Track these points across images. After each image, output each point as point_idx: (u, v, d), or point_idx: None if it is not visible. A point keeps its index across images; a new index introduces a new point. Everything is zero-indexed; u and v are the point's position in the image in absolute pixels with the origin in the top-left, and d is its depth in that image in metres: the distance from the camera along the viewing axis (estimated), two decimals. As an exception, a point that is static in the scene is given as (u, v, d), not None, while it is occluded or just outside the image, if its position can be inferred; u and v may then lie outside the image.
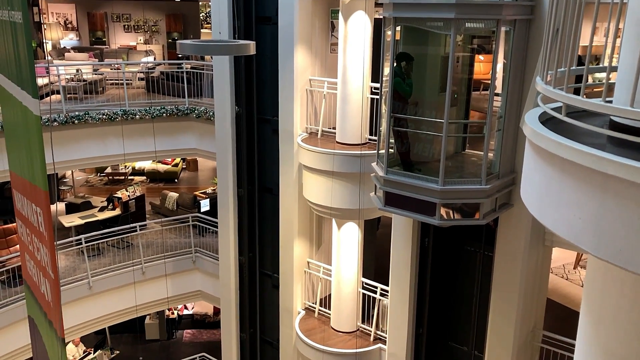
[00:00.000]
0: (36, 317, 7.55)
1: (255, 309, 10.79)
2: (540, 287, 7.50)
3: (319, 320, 9.59)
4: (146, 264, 12.46)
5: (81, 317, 11.75)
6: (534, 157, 2.98)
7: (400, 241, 7.78)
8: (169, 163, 22.79)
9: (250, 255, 10.65)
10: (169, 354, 17.45)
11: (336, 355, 8.71)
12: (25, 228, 7.16)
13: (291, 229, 9.53)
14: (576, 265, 10.78)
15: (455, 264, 7.77)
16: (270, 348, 10.68)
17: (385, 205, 6.55)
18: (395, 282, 7.98)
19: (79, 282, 11.74)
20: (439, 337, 8.07)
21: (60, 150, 11.15)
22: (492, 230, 7.13)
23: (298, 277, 9.74)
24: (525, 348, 7.45)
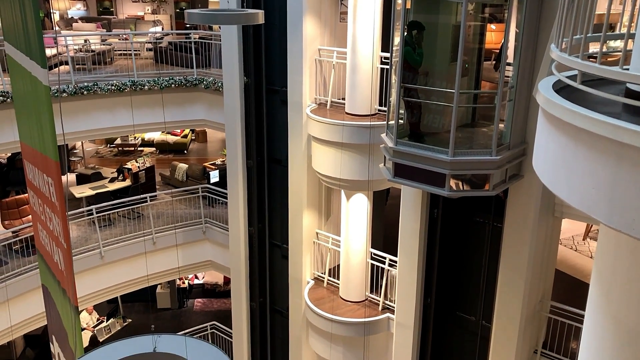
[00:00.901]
0: (50, 286, 7.69)
1: (265, 278, 10.91)
2: (549, 258, 7.51)
3: (327, 290, 9.68)
4: (157, 235, 12.58)
5: (93, 286, 11.93)
6: (547, 126, 2.94)
7: (409, 212, 7.78)
8: (178, 134, 22.82)
9: (260, 226, 10.71)
10: (180, 322, 17.75)
11: (345, 324, 8.81)
12: (37, 198, 7.23)
13: (300, 200, 9.55)
14: (585, 236, 10.77)
15: (464, 235, 7.78)
16: (280, 317, 10.83)
17: (395, 176, 6.53)
18: (403, 253, 8.01)
19: (91, 252, 11.89)
20: (447, 307, 8.13)
21: (70, 121, 11.17)
22: (502, 202, 7.11)
23: (307, 247, 9.80)
24: (533, 318, 7.50)
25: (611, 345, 3.08)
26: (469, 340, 7.99)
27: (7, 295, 10.44)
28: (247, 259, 11.00)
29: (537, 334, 7.67)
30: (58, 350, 8.08)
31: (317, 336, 9.33)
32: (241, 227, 10.80)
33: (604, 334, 3.11)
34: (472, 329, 7.92)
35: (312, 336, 9.54)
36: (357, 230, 8.93)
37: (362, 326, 8.66)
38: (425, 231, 7.80)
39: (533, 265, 7.05)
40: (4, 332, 10.78)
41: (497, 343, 7.46)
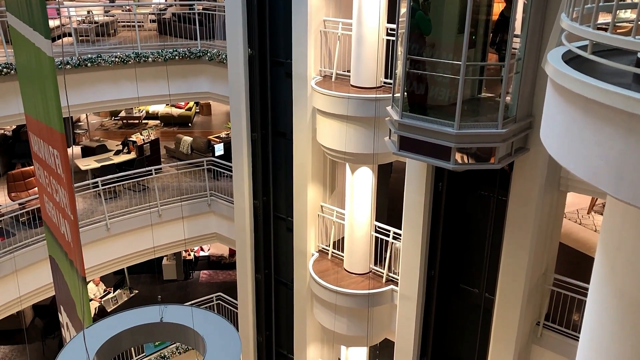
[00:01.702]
0: (57, 257, 7.77)
1: (270, 251, 10.98)
2: (553, 232, 7.53)
3: (332, 262, 9.75)
4: (162, 207, 12.64)
5: (100, 258, 12.04)
6: (555, 97, 2.91)
7: (414, 185, 7.78)
8: (183, 107, 22.74)
9: (265, 199, 10.74)
10: (186, 293, 17.95)
11: (349, 296, 8.89)
12: (43, 170, 7.26)
13: (305, 173, 9.55)
14: (590, 210, 10.77)
15: (468, 209, 7.79)
16: (285, 288, 10.93)
17: (400, 149, 6.52)
18: (408, 226, 8.04)
19: (97, 224, 11.97)
20: (451, 279, 8.19)
21: (74, 94, 11.14)
22: (507, 175, 7.10)
23: (312, 220, 9.84)
24: (536, 291, 7.55)
25: (615, 316, 3.10)
26: (472, 312, 8.06)
27: (15, 266, 10.56)
28: (252, 232, 11.06)
29: (539, 306, 7.73)
30: (66, 320, 8.20)
31: (322, 307, 9.43)
32: (246, 200, 10.84)
33: (608, 306, 3.13)
34: (475, 301, 7.99)
35: (317, 307, 9.64)
36: (362, 203, 8.94)
37: (365, 298, 8.75)
38: (430, 204, 7.81)
39: (537, 238, 7.07)
40: (13, 302, 10.94)
41: (499, 315, 7.53)
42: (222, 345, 4.61)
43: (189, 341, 5.00)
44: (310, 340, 10.42)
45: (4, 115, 11.06)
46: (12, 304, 10.99)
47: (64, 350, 4.68)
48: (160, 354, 13.34)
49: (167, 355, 13.41)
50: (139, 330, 4.92)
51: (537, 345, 7.77)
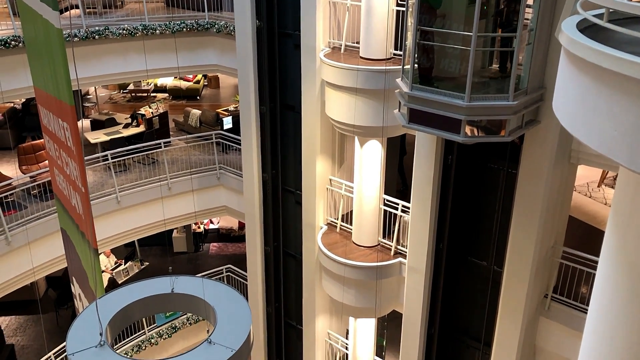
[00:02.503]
0: (68, 229, 7.85)
1: (279, 224, 11.04)
2: (562, 205, 7.50)
3: (340, 235, 9.79)
4: (172, 180, 12.71)
5: (111, 230, 12.17)
6: (569, 67, 2.86)
7: (423, 158, 7.75)
8: (191, 80, 22.67)
9: (274, 172, 10.76)
10: (197, 265, 18.16)
11: (357, 268, 8.95)
12: (53, 143, 7.29)
13: (313, 146, 9.54)
14: (600, 183, 10.69)
15: (478, 182, 7.77)
16: (294, 261, 11.02)
17: (410, 122, 6.47)
18: (417, 199, 8.04)
19: (107, 197, 12.07)
20: (459, 252, 8.21)
21: (82, 66, 11.12)
22: (517, 148, 7.06)
23: (320, 194, 9.85)
24: (545, 263, 7.56)
25: (625, 288, 3.10)
26: (480, 284, 8.10)
27: (28, 238, 10.70)
28: (261, 205, 11.10)
29: (548, 279, 7.76)
30: (79, 291, 8.33)
31: (330, 279, 9.51)
32: (255, 174, 10.86)
33: (618, 278, 3.13)
34: (483, 273, 8.02)
35: (325, 279, 9.72)
36: (371, 176, 8.93)
37: (374, 270, 8.80)
38: (439, 177, 7.79)
39: (546, 211, 7.05)
40: (27, 274, 11.12)
41: (508, 288, 7.57)
42: (233, 316, 4.67)
43: (199, 311, 5.06)
44: (319, 311, 10.53)
45: (13, 88, 11.07)
46: (25, 275, 11.17)
47: (77, 320, 4.77)
48: (172, 325, 13.56)
49: (178, 326, 13.62)
50: (151, 300, 4.99)
51: (544, 317, 7.81)
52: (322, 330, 10.78)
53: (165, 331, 13.42)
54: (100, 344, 4.44)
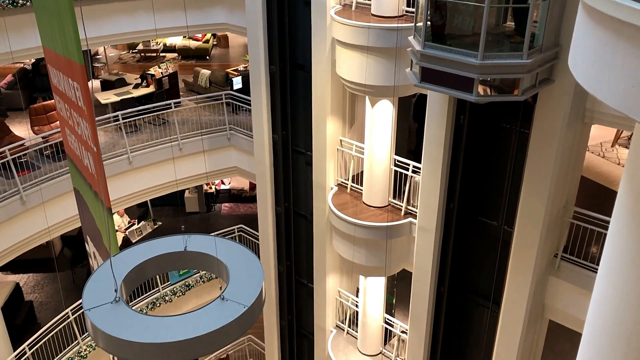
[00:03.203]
0: (81, 189, 7.93)
1: (289, 184, 11.08)
2: (575, 165, 7.45)
3: (351, 196, 9.82)
4: (183, 141, 12.74)
5: (123, 191, 12.30)
6: (586, 21, 2.79)
7: (435, 118, 7.69)
8: (200, 39, 22.45)
9: (284, 133, 10.73)
10: (209, 225, 18.39)
11: (368, 228, 9.01)
12: (64, 103, 7.30)
13: (324, 106, 9.47)
14: (614, 143, 10.59)
15: (490, 141, 7.71)
16: (304, 221, 11.10)
17: (422, 81, 6.39)
18: (428, 159, 8.01)
19: (119, 157, 12.15)
20: (470, 212, 8.22)
21: (91, 26, 11.02)
22: (530, 107, 6.97)
23: (331, 154, 9.84)
24: (556, 224, 7.56)
25: (637, 248, 3.09)
26: (490, 244, 8.14)
27: (42, 198, 10.85)
28: (272, 166, 11.13)
29: (558, 239, 7.77)
30: (93, 249, 8.47)
31: (341, 239, 9.59)
32: (265, 134, 10.85)
33: (630, 238, 3.13)
34: (493, 233, 8.04)
35: (336, 239, 9.80)
36: (381, 137, 8.89)
37: (384, 230, 8.85)
38: (451, 137, 7.74)
39: (559, 171, 7.01)
40: (42, 233, 11.32)
41: (518, 247, 7.60)
42: (245, 273, 4.74)
43: (212, 269, 5.14)
44: (330, 270, 10.67)
45: (22, 48, 11.03)
46: (40, 235, 11.37)
47: (93, 277, 4.86)
48: (185, 283, 13.83)
49: (191, 283, 13.89)
50: (164, 258, 5.07)
51: (554, 276, 7.86)
52: (333, 288, 10.95)
53: (179, 289, 13.69)
54: (116, 300, 4.54)
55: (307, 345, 12.23)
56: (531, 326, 8.16)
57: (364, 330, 10.55)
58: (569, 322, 8.01)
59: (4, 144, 12.16)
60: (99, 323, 4.35)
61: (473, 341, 8.98)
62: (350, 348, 10.87)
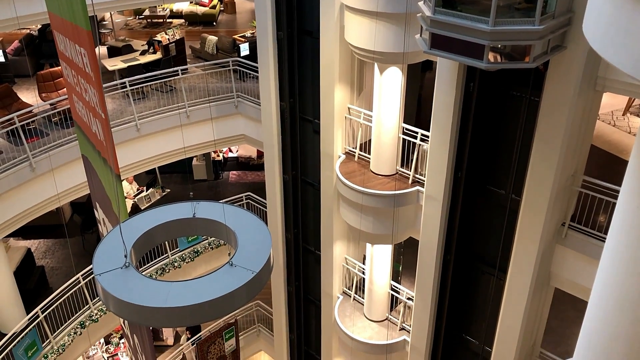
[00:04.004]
0: (90, 156, 7.97)
1: (297, 152, 11.07)
2: (585, 133, 7.38)
3: (358, 164, 9.81)
4: (190, 108, 12.71)
5: (131, 158, 12.34)
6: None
7: (444, 85, 7.61)
8: (207, 5, 22.18)
9: (291, 100, 10.67)
10: (217, 192, 18.48)
11: (375, 197, 9.02)
12: (71, 70, 7.27)
13: (332, 73, 9.38)
14: (626, 111, 10.46)
15: (499, 109, 7.64)
16: (312, 189, 11.13)
17: (431, 48, 6.30)
18: (436, 127, 7.96)
19: (127, 124, 12.15)
20: (478, 180, 8.20)
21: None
22: (541, 74, 6.87)
23: (338, 122, 9.80)
24: (564, 192, 7.54)
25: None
26: (498, 213, 8.14)
27: (52, 165, 10.92)
28: (279, 134, 11.10)
29: (566, 208, 7.76)
30: (102, 216, 8.55)
31: (348, 207, 9.62)
32: (272, 102, 10.79)
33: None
34: (501, 202, 8.04)
35: (343, 207, 9.84)
36: (390, 105, 8.83)
37: (391, 198, 8.87)
38: (460, 105, 7.67)
39: (568, 140, 6.95)
40: (51, 200, 11.42)
41: (525, 216, 7.60)
42: (253, 240, 4.78)
43: (220, 236, 5.19)
44: (337, 237, 10.74)
45: (27, 14, 10.96)
46: (50, 201, 11.48)
47: (103, 243, 4.92)
48: (194, 249, 13.98)
49: (200, 250, 14.03)
50: (173, 224, 5.12)
51: (561, 245, 7.88)
52: (340, 255, 11.04)
53: (188, 255, 13.85)
54: (126, 265, 4.60)
55: (314, 311, 12.40)
56: (537, 294, 8.22)
57: (370, 297, 10.67)
58: (575, 290, 8.07)
59: (12, 110, 12.19)
60: (109, 287, 4.42)
61: (479, 308, 9.08)
62: (357, 314, 11.02)
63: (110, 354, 16.94)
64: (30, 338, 11.19)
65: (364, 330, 10.67)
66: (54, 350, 11.70)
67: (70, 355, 12.28)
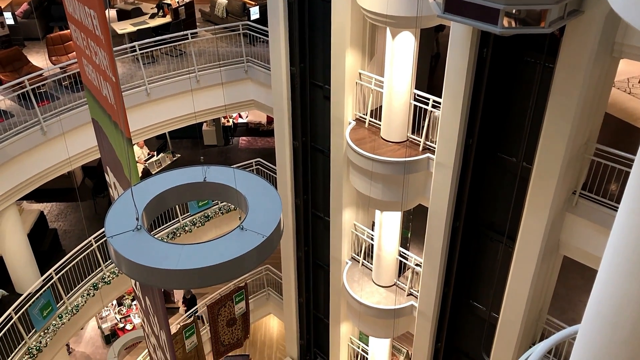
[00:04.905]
0: (100, 120, 7.98)
1: (307, 118, 11.02)
2: (600, 101, 7.28)
3: (369, 131, 9.75)
4: (200, 72, 12.63)
5: (142, 122, 12.35)
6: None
7: (457, 51, 7.49)
8: (216, -32, 21.78)
9: (302, 65, 10.57)
10: (227, 158, 18.53)
11: (385, 164, 8.99)
12: (80, 32, 7.22)
13: (343, 38, 9.26)
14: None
15: (512, 76, 7.53)
16: (322, 155, 11.11)
17: (445, 12, 6.19)
18: (448, 93, 7.87)
19: (137, 89, 12.12)
20: (489, 148, 8.15)
21: (105, -48, 10.73)
22: (557, 40, 6.74)
23: (349, 88, 9.70)
24: (576, 160, 7.48)
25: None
26: (508, 180, 8.11)
27: (62, 129, 10.96)
28: (289, 99, 11.03)
29: (577, 176, 7.70)
30: (113, 180, 8.61)
31: (358, 174, 9.61)
32: (283, 67, 10.69)
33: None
34: (512, 169, 8.00)
35: (353, 174, 9.83)
36: (402, 70, 8.72)
37: (401, 165, 8.84)
38: (473, 71, 7.57)
39: (582, 107, 6.86)
40: (63, 163, 11.51)
41: (536, 184, 7.56)
42: (264, 205, 4.80)
43: (231, 200, 5.22)
44: (346, 204, 10.77)
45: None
46: (61, 165, 11.57)
47: (114, 206, 4.96)
48: (204, 214, 14.09)
49: (210, 215, 14.15)
50: (184, 188, 5.15)
51: (571, 213, 7.85)
52: (349, 221, 11.09)
53: (198, 220, 13.97)
54: (137, 228, 4.65)
55: (323, 275, 12.54)
56: (545, 262, 8.25)
57: (378, 263, 10.76)
58: (584, 258, 8.07)
59: (22, 74, 12.18)
60: (121, 250, 4.48)
61: (486, 275, 9.13)
62: (365, 279, 11.14)
63: (122, 315, 17.30)
64: (45, 298, 11.43)
65: (371, 295, 10.80)
66: (68, 310, 11.96)
67: (84, 315, 12.56)
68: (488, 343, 9.45)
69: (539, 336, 9.19)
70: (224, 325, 13.07)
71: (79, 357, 16.41)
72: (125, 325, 17.06)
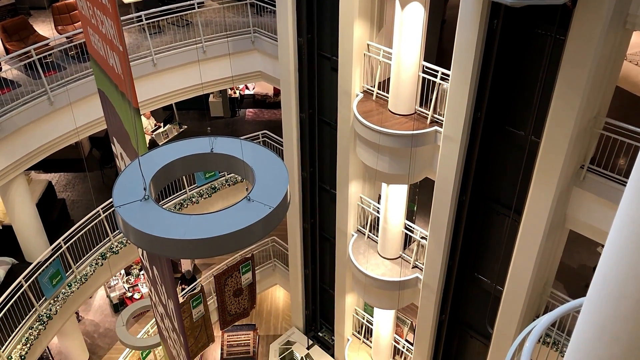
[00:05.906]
0: (107, 90, 7.94)
1: (314, 90, 10.95)
2: (611, 74, 7.18)
3: (376, 103, 9.69)
4: (207, 43, 12.53)
5: (148, 93, 12.31)
6: None
7: (467, 22, 7.38)
8: (223, -64, 21.42)
9: (309, 36, 10.45)
10: (233, 130, 18.51)
11: (392, 136, 8.95)
12: (85, 1, 7.14)
13: (351, 8, 9.13)
14: (654, 53, 10.11)
15: (522, 48, 7.43)
16: (329, 128, 11.07)
17: (455, -19, 6.09)
18: (457, 66, 7.79)
19: (143, 59, 12.05)
20: (497, 121, 8.09)
21: None
22: (569, 12, 6.62)
23: (357, 60, 9.61)
24: (585, 134, 7.42)
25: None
26: (516, 154, 8.07)
27: (69, 99, 10.95)
28: (297, 71, 10.95)
29: (586, 150, 7.66)
30: (120, 150, 8.61)
31: (365, 147, 9.58)
32: (290, 38, 10.58)
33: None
34: (520, 143, 7.95)
35: (360, 146, 9.80)
36: (411, 42, 8.61)
37: (409, 138, 8.80)
38: (482, 43, 7.47)
39: (593, 80, 6.78)
40: (70, 134, 11.53)
41: (544, 157, 7.53)
42: (270, 176, 4.80)
43: (238, 171, 5.22)
44: (353, 177, 10.77)
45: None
46: (69, 135, 11.59)
47: (122, 176, 4.97)
48: (211, 185, 14.14)
49: (217, 186, 14.19)
50: (191, 159, 5.15)
51: (578, 187, 7.83)
52: (355, 194, 11.10)
53: (205, 191, 14.03)
54: (145, 198, 4.67)
55: (329, 247, 12.62)
56: (551, 235, 8.26)
57: (384, 235, 10.80)
58: (590, 232, 8.07)
59: (28, 43, 12.12)
60: (129, 219, 4.51)
61: (492, 249, 9.16)
62: (370, 252, 11.20)
63: (130, 284, 17.54)
64: (54, 267, 11.58)
65: (377, 267, 10.87)
66: (77, 279, 12.13)
67: (92, 284, 12.73)
68: (492, 315, 9.53)
69: (542, 309, 9.26)
70: (230, 295, 13.23)
71: (88, 325, 16.69)
72: (134, 294, 17.31)
